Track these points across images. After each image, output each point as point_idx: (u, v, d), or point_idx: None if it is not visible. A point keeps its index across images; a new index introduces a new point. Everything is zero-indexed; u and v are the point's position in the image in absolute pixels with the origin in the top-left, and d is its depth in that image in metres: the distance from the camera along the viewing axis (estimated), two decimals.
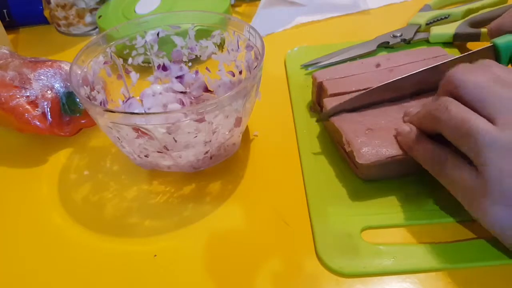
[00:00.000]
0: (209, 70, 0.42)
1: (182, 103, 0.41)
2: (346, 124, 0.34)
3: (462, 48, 0.47)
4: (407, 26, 0.50)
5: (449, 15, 0.51)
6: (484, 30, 0.45)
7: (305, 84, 0.44)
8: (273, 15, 0.58)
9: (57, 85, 0.39)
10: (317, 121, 0.39)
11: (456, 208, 0.31)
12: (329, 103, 0.36)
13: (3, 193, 0.38)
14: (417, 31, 0.49)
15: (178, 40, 0.41)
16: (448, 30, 0.47)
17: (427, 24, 0.50)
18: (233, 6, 0.60)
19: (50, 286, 0.30)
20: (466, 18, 0.48)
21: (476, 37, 0.46)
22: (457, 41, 0.47)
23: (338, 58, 0.46)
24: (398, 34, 0.48)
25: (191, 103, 0.41)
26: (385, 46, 0.48)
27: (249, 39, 0.36)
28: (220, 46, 0.40)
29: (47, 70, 0.40)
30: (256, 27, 0.36)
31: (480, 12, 0.48)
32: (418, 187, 0.33)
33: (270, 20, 0.57)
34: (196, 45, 0.41)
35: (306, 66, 0.46)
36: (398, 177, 0.33)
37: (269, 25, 0.56)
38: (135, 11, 0.52)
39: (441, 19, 0.51)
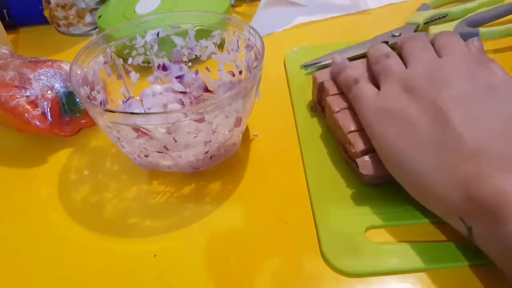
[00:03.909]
0: (209, 70, 0.42)
1: (182, 103, 0.41)
2: (350, 123, 0.34)
3: None
4: (405, 25, 0.50)
5: (446, 14, 0.51)
6: (482, 29, 0.45)
7: (305, 84, 0.44)
8: (273, 15, 0.58)
9: (57, 85, 0.39)
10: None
11: None
12: (333, 101, 0.36)
13: (3, 193, 0.38)
14: (415, 31, 0.49)
15: (178, 40, 0.41)
16: (446, 29, 0.47)
17: (425, 23, 0.50)
18: (233, 6, 0.60)
19: (50, 286, 0.30)
20: (464, 17, 0.48)
21: (474, 36, 0.45)
22: None
23: None
24: (397, 34, 0.48)
25: (191, 103, 0.41)
26: None
27: (249, 39, 0.36)
28: (220, 46, 0.40)
29: (47, 70, 0.40)
30: (256, 27, 0.36)
31: (478, 11, 0.48)
32: None
33: (270, 20, 0.57)
34: (196, 45, 0.41)
35: (306, 66, 0.47)
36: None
37: (269, 25, 0.56)
38: (135, 11, 0.52)
39: (439, 18, 0.51)
